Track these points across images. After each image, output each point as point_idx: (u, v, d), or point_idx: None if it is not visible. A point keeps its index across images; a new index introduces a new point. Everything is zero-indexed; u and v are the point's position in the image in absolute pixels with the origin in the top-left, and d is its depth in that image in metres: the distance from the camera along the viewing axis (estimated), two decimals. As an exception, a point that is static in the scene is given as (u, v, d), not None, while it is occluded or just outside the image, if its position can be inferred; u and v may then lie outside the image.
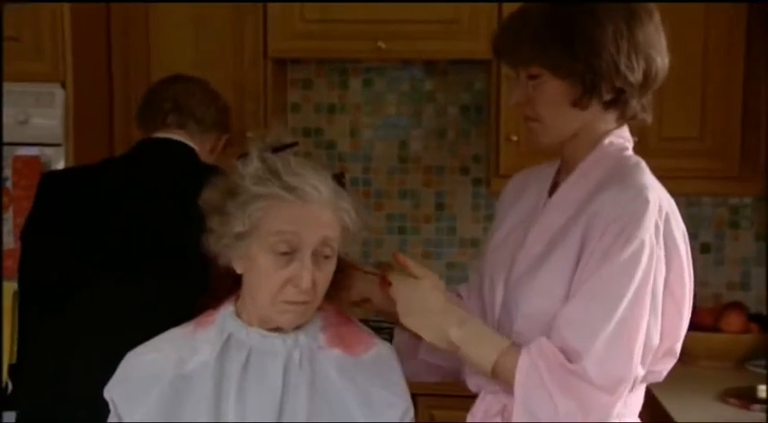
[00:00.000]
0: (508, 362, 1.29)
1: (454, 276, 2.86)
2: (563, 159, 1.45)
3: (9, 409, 2.25)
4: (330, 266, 1.27)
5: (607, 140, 1.39)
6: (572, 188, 1.39)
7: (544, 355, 1.26)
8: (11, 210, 2.22)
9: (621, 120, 1.41)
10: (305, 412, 1.23)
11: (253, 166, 1.24)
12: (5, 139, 2.25)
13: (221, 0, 2.49)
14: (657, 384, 2.24)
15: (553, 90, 1.36)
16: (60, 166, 2.28)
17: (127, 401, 1.26)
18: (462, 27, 2.47)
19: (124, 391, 1.26)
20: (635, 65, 1.34)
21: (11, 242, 2.22)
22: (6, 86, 2.25)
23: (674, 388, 2.22)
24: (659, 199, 1.32)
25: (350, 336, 1.32)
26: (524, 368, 1.27)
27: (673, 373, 2.52)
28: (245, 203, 1.22)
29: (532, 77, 1.37)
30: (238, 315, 1.30)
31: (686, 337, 2.50)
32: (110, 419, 1.28)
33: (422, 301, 1.33)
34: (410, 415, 1.31)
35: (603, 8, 1.34)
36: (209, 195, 1.27)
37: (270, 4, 2.50)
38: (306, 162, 1.27)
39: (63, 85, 2.28)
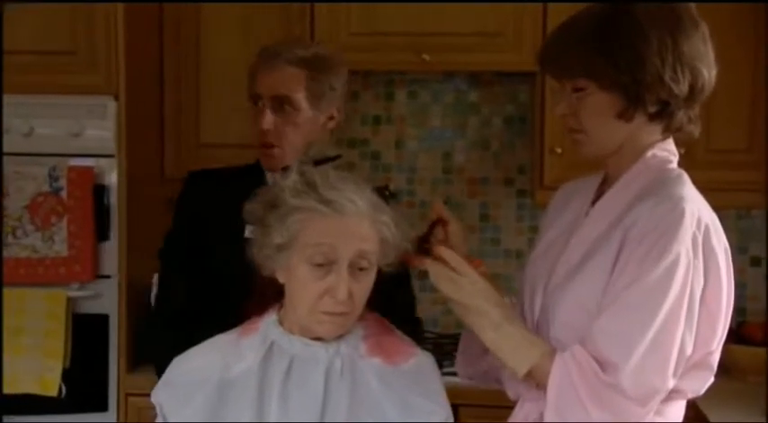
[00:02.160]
0: (542, 368, 1.30)
1: (499, 287, 2.86)
2: (607, 171, 1.46)
3: (62, 412, 2.32)
4: (368, 278, 1.28)
5: (650, 153, 1.40)
6: (613, 199, 1.40)
7: (577, 362, 1.27)
8: (65, 219, 2.28)
9: (667, 132, 1.41)
10: (345, 420, 1.25)
11: (291, 178, 1.27)
12: (60, 150, 2.33)
13: (270, 0, 2.53)
14: (705, 400, 2.23)
15: (598, 102, 1.37)
16: (113, 177, 2.34)
17: (173, 405, 1.29)
18: (506, 39, 2.49)
19: (171, 395, 1.30)
20: (680, 77, 1.34)
21: (64, 250, 2.29)
22: (61, 99, 2.33)
23: (721, 404, 2.20)
24: (698, 211, 1.32)
25: (390, 345, 1.34)
26: (557, 375, 1.28)
27: (720, 388, 2.49)
28: (284, 216, 1.25)
29: (578, 90, 1.38)
30: (281, 323, 1.33)
31: (735, 351, 2.49)
32: (156, 422, 1.32)
33: (462, 298, 1.35)
34: (451, 420, 1.31)
35: (649, 21, 1.35)
36: (251, 207, 1.30)
37: (317, 18, 2.54)
38: (345, 175, 1.29)
39: (116, 98, 2.33)
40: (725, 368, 2.53)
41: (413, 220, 2.92)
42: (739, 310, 2.75)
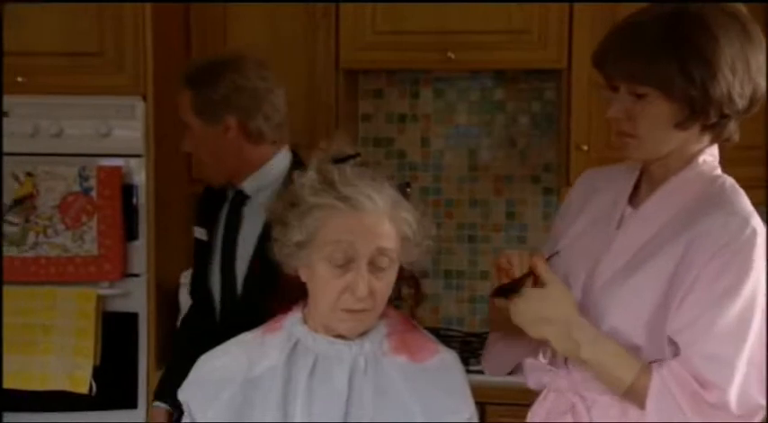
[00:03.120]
0: (641, 383, 1.30)
1: (524, 286, 2.85)
2: (647, 170, 1.44)
3: (92, 409, 2.35)
4: (389, 275, 1.28)
5: (701, 158, 1.39)
6: (663, 203, 1.38)
7: (678, 380, 1.28)
8: (95, 218, 2.31)
9: (715, 140, 1.40)
10: (369, 417, 1.25)
11: (308, 176, 1.27)
12: (89, 150, 2.36)
13: (296, 0, 2.55)
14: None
15: (660, 111, 1.33)
16: (141, 177, 2.37)
17: (199, 403, 1.30)
18: (532, 37, 2.47)
19: (197, 393, 1.31)
20: (745, 91, 1.33)
21: (93, 249, 2.32)
22: (89, 99, 2.36)
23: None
24: (762, 225, 1.33)
25: (414, 343, 1.34)
26: (656, 392, 1.29)
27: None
28: (303, 214, 1.26)
29: (638, 95, 1.34)
30: (305, 322, 1.33)
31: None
32: (183, 420, 1.33)
33: (552, 309, 1.31)
34: (475, 419, 1.31)
35: (723, 33, 1.31)
36: (273, 206, 1.31)
37: (342, 17, 2.55)
38: (364, 172, 1.28)
39: (144, 98, 2.36)
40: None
41: (439, 219, 2.93)
42: None
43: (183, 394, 1.32)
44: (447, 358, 1.34)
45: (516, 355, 1.52)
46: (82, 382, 2.29)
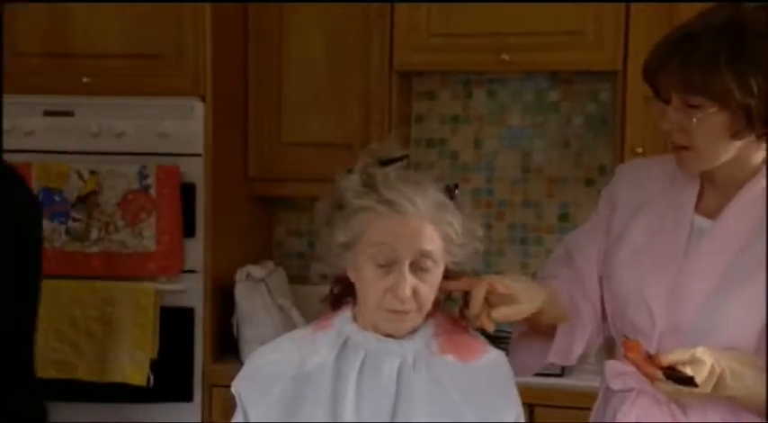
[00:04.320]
0: None
1: (577, 288, 2.83)
2: (709, 176, 1.43)
3: (149, 401, 2.41)
4: (432, 277, 1.28)
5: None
6: (743, 214, 1.39)
7: None
8: (153, 215, 2.38)
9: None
10: (418, 414, 1.27)
11: (352, 179, 1.30)
12: (150, 150, 2.42)
13: (351, 0, 2.58)
14: None
15: (716, 122, 1.33)
16: (199, 174, 2.43)
17: (252, 396, 1.33)
18: (587, 38, 2.46)
19: (250, 387, 1.34)
20: None
21: (152, 245, 2.38)
22: (149, 100, 2.43)
23: None
24: None
25: (462, 343, 1.35)
26: None
27: None
28: (348, 216, 1.28)
29: (692, 106, 1.33)
30: (355, 320, 1.36)
31: None
32: (236, 412, 1.37)
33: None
34: (522, 419, 1.32)
35: None
36: (320, 206, 1.34)
37: (396, 18, 2.57)
38: (408, 175, 1.29)
39: (203, 99, 2.42)
40: None
41: (490, 220, 2.92)
42: None
43: (237, 387, 1.36)
44: (495, 358, 1.35)
45: (539, 356, 1.53)
46: (140, 374, 2.36)
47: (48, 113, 2.44)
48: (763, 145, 1.37)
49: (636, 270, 1.45)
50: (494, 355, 1.36)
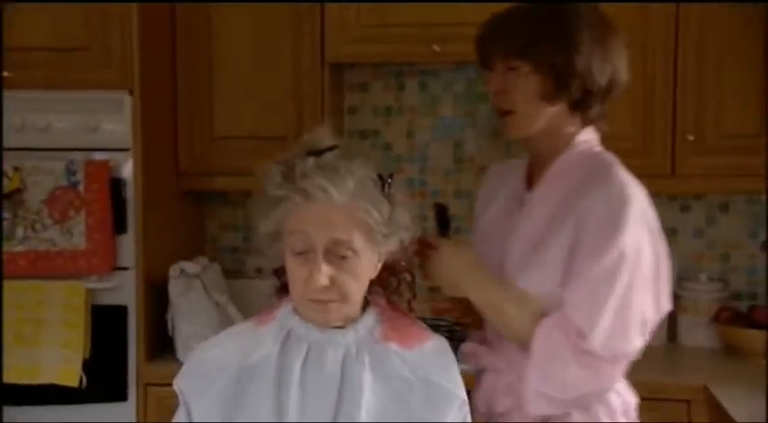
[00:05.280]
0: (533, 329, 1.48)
1: (510, 275, 2.88)
2: (535, 154, 1.60)
3: (82, 402, 2.36)
4: (352, 266, 1.28)
5: (579, 138, 1.55)
6: (553, 183, 1.54)
7: (557, 325, 1.45)
8: (83, 212, 2.32)
9: (584, 123, 1.56)
10: (363, 401, 1.27)
11: (273, 170, 1.30)
12: (77, 144, 2.36)
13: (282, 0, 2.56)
14: (717, 383, 2.25)
15: (531, 83, 1.50)
16: (129, 170, 2.37)
17: (194, 392, 1.32)
18: (516, 29, 2.49)
19: (192, 382, 1.33)
20: (605, 69, 1.51)
21: (82, 243, 2.32)
22: (77, 94, 2.36)
23: (732, 386, 2.22)
24: (638, 193, 1.48)
25: (405, 330, 1.36)
26: (541, 335, 1.46)
27: (731, 370, 2.51)
28: (269, 206, 1.29)
29: (511, 69, 1.51)
30: (296, 312, 1.35)
31: (745, 335, 2.52)
32: (179, 410, 1.35)
33: (456, 267, 1.52)
34: (467, 407, 1.34)
35: (585, 15, 1.51)
36: (252, 199, 1.34)
37: (327, 10, 2.56)
38: (332, 164, 1.28)
39: (131, 93, 2.37)
40: (735, 350, 2.57)
41: (424, 211, 2.94)
42: (750, 295, 2.77)
43: (178, 383, 1.34)
44: (438, 344, 1.37)
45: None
46: (72, 375, 2.30)
47: (-32, 109, 2.35)
48: (575, 119, 1.54)
49: (483, 246, 1.62)
50: (436, 341, 1.37)
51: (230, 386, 1.31)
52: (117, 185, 2.35)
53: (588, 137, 1.56)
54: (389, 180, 1.33)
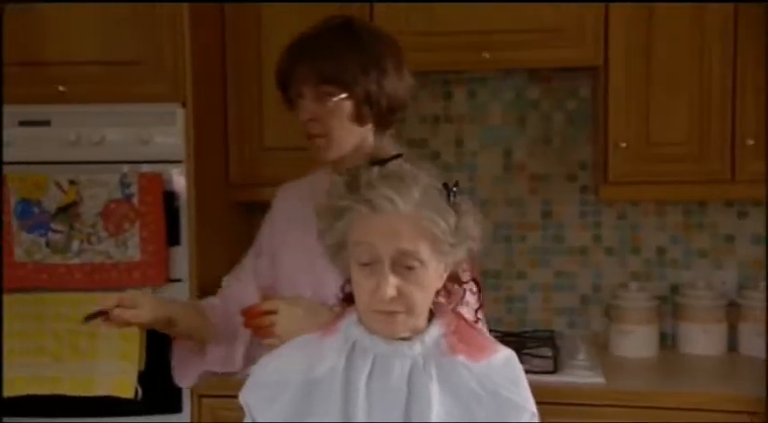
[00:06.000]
0: None
1: (563, 284, 2.85)
2: (339, 168, 1.60)
3: (138, 414, 2.37)
4: (419, 277, 1.26)
5: (384, 152, 1.58)
6: None
7: None
8: (137, 224, 2.33)
9: (382, 135, 1.67)
10: (433, 414, 1.25)
11: (338, 181, 1.29)
12: (131, 157, 2.37)
13: (329, 0, 2.56)
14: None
15: (345, 108, 1.59)
16: (182, 182, 2.38)
17: (260, 405, 1.31)
18: (567, 35, 2.47)
19: (258, 395, 1.32)
20: (406, 87, 1.65)
21: (137, 255, 2.34)
22: (130, 107, 2.38)
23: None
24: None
25: (473, 341, 1.33)
26: None
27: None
28: (335, 217, 1.28)
29: (325, 95, 1.58)
30: (361, 323, 1.34)
31: None
32: (244, 421, 1.34)
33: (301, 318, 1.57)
34: (536, 419, 1.31)
35: (382, 36, 1.64)
36: (317, 210, 1.33)
37: (376, 19, 2.55)
38: (396, 173, 1.26)
39: (183, 105, 2.37)
40: None
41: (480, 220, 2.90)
42: None
43: (244, 397, 1.33)
44: (506, 357, 1.34)
45: (197, 365, 1.81)
46: (128, 386, 2.31)
47: (23, 123, 2.38)
48: (375, 133, 1.64)
49: (308, 274, 1.65)
50: (505, 353, 1.35)
51: (296, 399, 1.30)
52: (169, 197, 2.36)
53: (387, 147, 1.62)
54: (455, 189, 1.31)
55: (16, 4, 2.38)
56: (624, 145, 2.44)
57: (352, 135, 1.62)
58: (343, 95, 1.58)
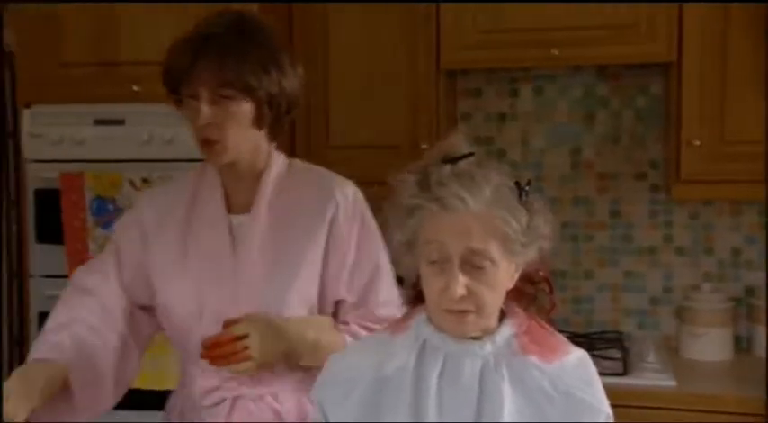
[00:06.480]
0: (335, 340, 1.64)
1: (632, 285, 2.80)
2: (229, 175, 1.61)
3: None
4: (488, 276, 1.24)
5: (276, 153, 1.65)
6: (274, 202, 1.60)
7: (364, 327, 1.65)
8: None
9: (276, 136, 1.63)
10: (505, 414, 1.24)
11: (408, 179, 1.28)
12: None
13: (398, 0, 2.56)
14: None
15: (245, 112, 1.52)
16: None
17: (332, 402, 1.32)
18: (640, 30, 2.42)
19: (330, 392, 1.33)
20: (299, 87, 1.60)
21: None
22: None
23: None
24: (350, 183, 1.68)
25: (544, 342, 1.32)
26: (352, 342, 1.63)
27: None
28: (405, 215, 1.28)
29: (224, 99, 1.49)
30: (430, 321, 1.33)
31: None
32: (316, 419, 1.35)
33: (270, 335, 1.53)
34: (611, 420, 1.29)
35: (275, 36, 1.57)
36: (387, 208, 1.32)
37: (443, 17, 2.54)
38: (468, 172, 1.25)
39: (251, 103, 2.40)
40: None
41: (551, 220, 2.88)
42: None
43: (317, 394, 1.34)
44: (579, 358, 1.32)
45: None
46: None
47: (98, 122, 2.44)
48: (269, 135, 1.59)
49: (184, 285, 1.58)
50: (578, 354, 1.33)
51: (367, 397, 1.30)
52: (238, 195, 2.39)
53: (280, 153, 1.65)
54: (527, 188, 1.29)
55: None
56: (698, 143, 2.38)
57: (247, 139, 1.55)
58: (244, 100, 1.51)
